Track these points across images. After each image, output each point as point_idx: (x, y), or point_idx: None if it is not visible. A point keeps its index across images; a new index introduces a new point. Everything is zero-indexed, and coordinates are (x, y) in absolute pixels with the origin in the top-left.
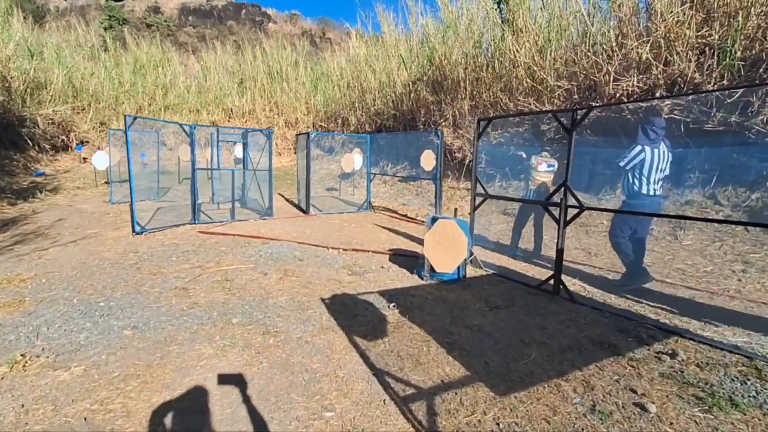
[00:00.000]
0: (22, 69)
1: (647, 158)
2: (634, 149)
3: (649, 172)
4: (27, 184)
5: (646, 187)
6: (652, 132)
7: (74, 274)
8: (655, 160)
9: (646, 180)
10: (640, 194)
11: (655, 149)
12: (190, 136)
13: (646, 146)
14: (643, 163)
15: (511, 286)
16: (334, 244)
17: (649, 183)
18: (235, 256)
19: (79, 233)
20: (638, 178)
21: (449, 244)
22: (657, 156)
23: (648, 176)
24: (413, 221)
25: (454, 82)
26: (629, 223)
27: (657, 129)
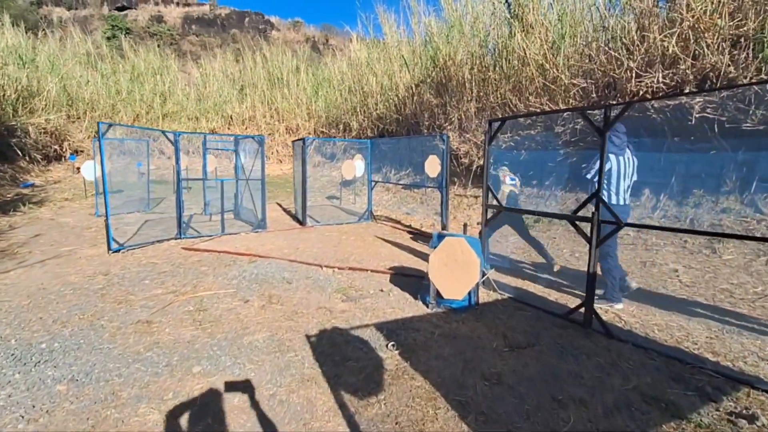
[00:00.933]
0: (14, 77)
1: (614, 167)
2: (597, 158)
3: (618, 181)
4: (11, 196)
5: (615, 197)
6: (616, 138)
7: (26, 304)
8: (622, 168)
9: (615, 189)
10: (613, 205)
11: (620, 156)
12: (174, 144)
13: (611, 154)
14: (611, 172)
15: (533, 315)
16: (329, 262)
17: (618, 192)
18: (216, 277)
19: (52, 251)
20: (606, 188)
21: (458, 267)
22: (623, 163)
23: (617, 185)
24: (418, 232)
25: (460, 83)
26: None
27: (620, 134)
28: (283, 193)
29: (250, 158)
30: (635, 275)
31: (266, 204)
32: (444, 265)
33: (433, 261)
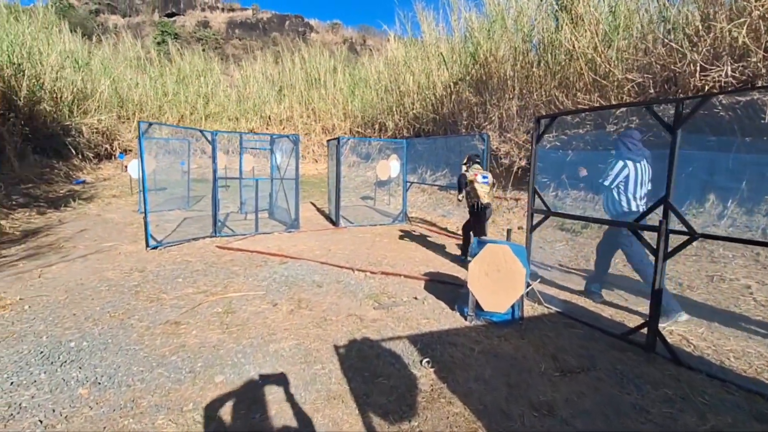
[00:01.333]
0: (70, 80)
1: (631, 173)
2: (617, 165)
3: (635, 188)
4: (64, 192)
5: (634, 204)
6: (633, 145)
7: (63, 300)
8: (639, 175)
9: (632, 196)
10: (629, 213)
11: (637, 163)
12: (211, 143)
13: (628, 161)
14: (628, 179)
15: (585, 334)
16: (361, 265)
17: (635, 199)
18: (247, 278)
19: (94, 246)
20: (624, 194)
21: (501, 277)
22: (640, 170)
23: (634, 192)
24: (454, 236)
25: (501, 80)
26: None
27: (636, 141)
28: (318, 192)
29: (285, 158)
30: (700, 291)
31: (299, 204)
32: (485, 275)
33: (473, 269)
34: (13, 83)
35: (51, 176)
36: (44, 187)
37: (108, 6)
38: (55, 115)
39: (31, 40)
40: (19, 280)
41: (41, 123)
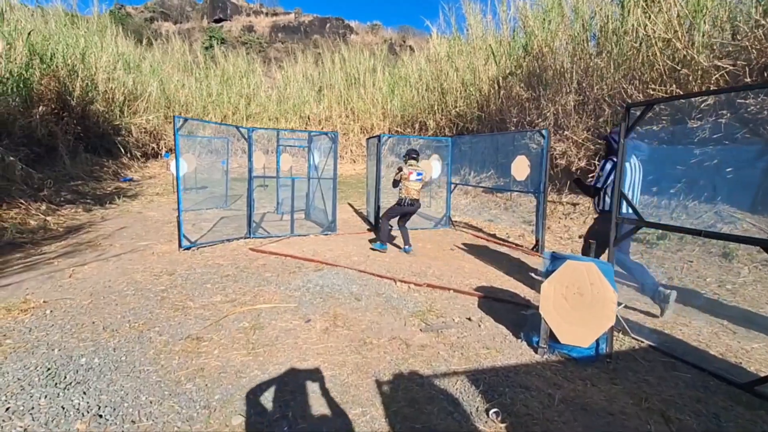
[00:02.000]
0: (121, 81)
1: (628, 173)
2: (607, 165)
3: (626, 189)
4: (111, 189)
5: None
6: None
7: (86, 304)
8: (628, 175)
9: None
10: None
11: (626, 163)
12: (247, 140)
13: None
14: (625, 179)
15: (695, 380)
16: (403, 275)
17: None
18: (279, 287)
19: (130, 245)
20: (610, 195)
21: (585, 302)
22: (630, 170)
23: (631, 193)
24: (505, 244)
25: (557, 73)
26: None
27: None
28: (356, 193)
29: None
30: None
31: (337, 205)
32: (563, 299)
33: (548, 292)
34: (67, 83)
35: (100, 174)
36: (93, 184)
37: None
38: (107, 115)
39: (84, 42)
40: (51, 279)
41: (93, 122)
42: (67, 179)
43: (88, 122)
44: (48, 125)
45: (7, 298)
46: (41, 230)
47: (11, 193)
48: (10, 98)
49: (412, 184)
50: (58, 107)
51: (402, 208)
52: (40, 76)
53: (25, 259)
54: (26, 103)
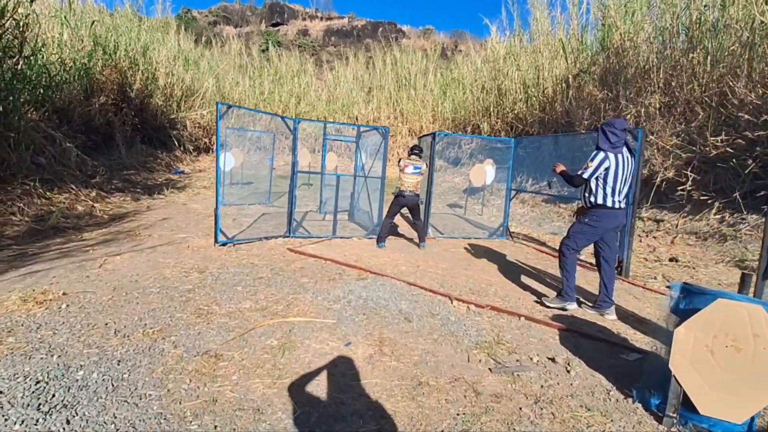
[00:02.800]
0: (180, 77)
1: (612, 166)
2: (597, 156)
3: (614, 182)
4: (161, 180)
5: (611, 199)
6: (612, 135)
7: (106, 301)
8: (620, 168)
9: (611, 191)
10: (605, 207)
11: (618, 155)
12: (293, 132)
13: (609, 152)
14: (608, 172)
15: None
16: (460, 291)
17: (614, 194)
18: (316, 296)
19: (167, 237)
20: (602, 188)
21: (743, 361)
22: (621, 163)
23: (613, 186)
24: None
25: (641, 70)
26: (590, 237)
27: (617, 131)
28: None
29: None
30: None
31: (384, 207)
32: (708, 352)
33: (685, 340)
34: (128, 76)
35: (153, 165)
36: (145, 174)
37: (224, 18)
38: (164, 109)
39: (147, 37)
40: (80, 268)
41: (151, 115)
42: (121, 168)
43: (146, 114)
44: (107, 115)
45: (30, 286)
46: (87, 216)
47: (64, 177)
48: (71, 86)
49: (407, 177)
50: (118, 98)
51: (399, 200)
52: (102, 66)
53: (63, 245)
54: (87, 92)
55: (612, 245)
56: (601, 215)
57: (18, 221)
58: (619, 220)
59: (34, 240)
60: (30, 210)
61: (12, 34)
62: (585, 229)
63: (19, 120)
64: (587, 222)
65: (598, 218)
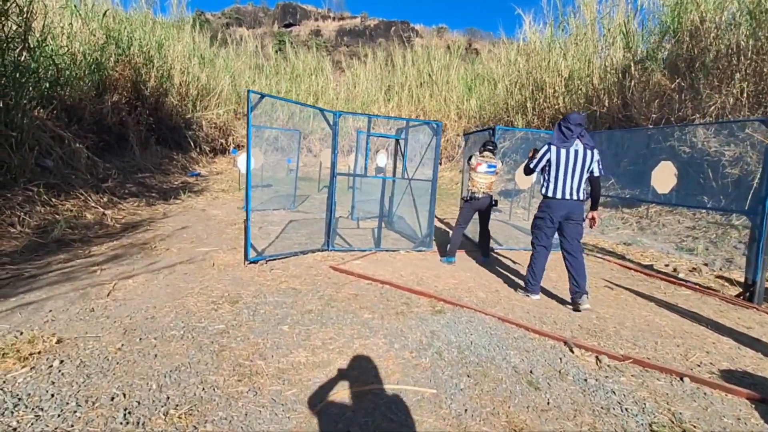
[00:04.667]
0: (195, 76)
1: (554, 158)
2: (542, 149)
3: (557, 174)
4: (177, 184)
5: (552, 190)
6: (566, 129)
7: (114, 352)
8: (562, 160)
9: (554, 182)
10: (547, 197)
11: (563, 149)
12: (332, 127)
13: (552, 145)
14: (551, 164)
15: None
16: (570, 330)
17: (557, 185)
18: (391, 341)
19: (187, 251)
20: (547, 180)
21: None
22: (566, 155)
23: (556, 178)
24: (680, 283)
25: (723, 56)
26: (542, 229)
27: (571, 126)
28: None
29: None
30: None
31: (434, 215)
32: None
33: None
34: (142, 73)
35: (168, 167)
36: (160, 177)
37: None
38: (180, 109)
39: (161, 32)
40: (84, 298)
41: (166, 115)
42: (135, 171)
43: (161, 114)
44: (120, 114)
45: (17, 328)
46: (96, 226)
47: (72, 182)
48: (82, 81)
49: (479, 176)
50: (132, 96)
51: (472, 204)
52: (115, 61)
53: (66, 264)
54: (99, 89)
55: (570, 237)
56: (547, 205)
57: (17, 233)
58: (565, 210)
59: (33, 256)
60: (32, 220)
61: (15, 22)
62: (537, 222)
63: (22, 118)
64: (537, 214)
65: (544, 208)
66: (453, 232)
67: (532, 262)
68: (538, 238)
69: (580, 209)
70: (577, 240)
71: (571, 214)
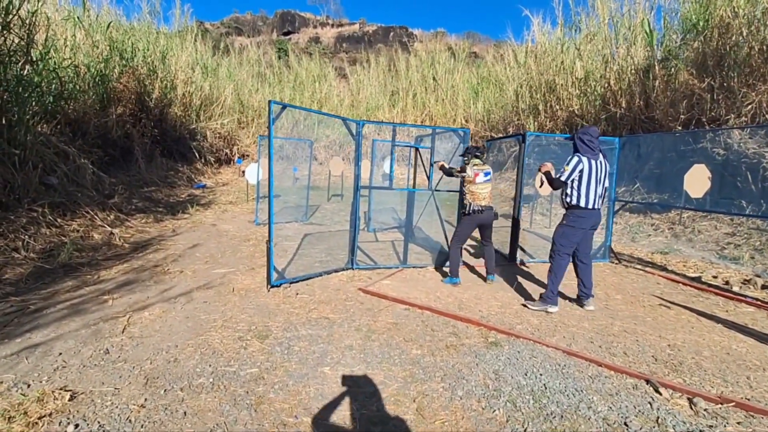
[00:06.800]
0: (199, 85)
1: (586, 169)
2: (572, 160)
3: (588, 184)
4: (184, 197)
5: (584, 200)
6: (590, 141)
7: (137, 410)
8: (593, 171)
9: (585, 192)
10: (579, 207)
11: (593, 160)
12: (356, 137)
13: (583, 157)
14: (582, 175)
15: None
16: (648, 365)
17: (588, 195)
18: (448, 381)
19: (203, 274)
20: (576, 190)
21: None
22: (596, 167)
23: (587, 188)
24: (738, 298)
25: (757, 52)
26: (571, 239)
27: (593, 138)
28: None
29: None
30: None
31: None
32: None
33: None
34: (146, 84)
35: (174, 180)
36: (166, 190)
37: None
38: (184, 120)
39: (165, 42)
40: (96, 336)
41: (170, 126)
42: (141, 185)
43: (165, 125)
44: (125, 126)
45: (23, 379)
46: (104, 246)
47: (78, 200)
48: (86, 94)
49: (479, 188)
50: (136, 108)
51: (473, 218)
52: (119, 73)
53: (74, 292)
54: (103, 102)
55: (587, 246)
56: (579, 215)
57: (21, 259)
58: (594, 220)
59: (39, 284)
60: (37, 243)
61: (17, 35)
62: (566, 231)
63: (25, 134)
64: (566, 223)
65: (575, 218)
66: (451, 250)
67: (557, 273)
68: (564, 246)
69: (601, 218)
70: (590, 248)
71: (595, 223)
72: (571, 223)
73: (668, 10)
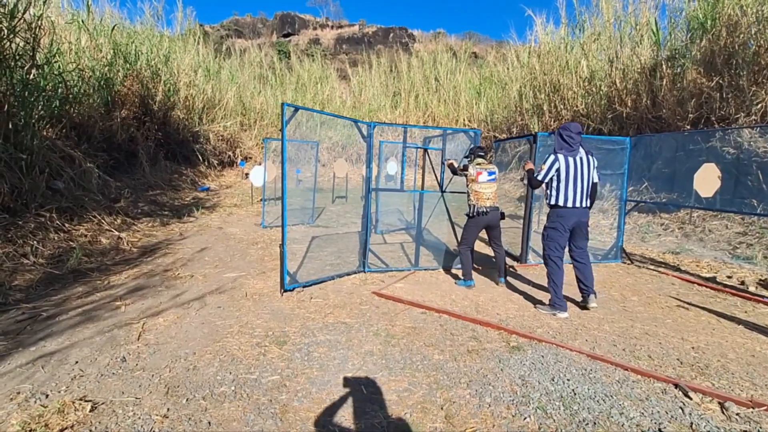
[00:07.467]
0: (201, 88)
1: (563, 167)
2: (548, 159)
3: (567, 182)
4: (189, 200)
5: (563, 198)
6: (569, 137)
7: (160, 421)
8: (571, 168)
9: (564, 191)
10: (558, 206)
11: (570, 157)
12: (366, 139)
13: (560, 154)
14: (560, 173)
15: None
16: (673, 369)
17: (568, 193)
18: (474, 387)
19: (214, 278)
20: (556, 189)
21: None
22: (574, 164)
23: (566, 186)
24: (755, 298)
25: (766, 50)
26: (557, 240)
27: (573, 134)
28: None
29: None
30: None
31: None
32: None
33: None
34: (150, 87)
35: (178, 182)
36: (171, 193)
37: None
38: (187, 122)
39: (168, 44)
40: (111, 343)
41: (174, 129)
42: (146, 188)
43: (169, 128)
44: (129, 130)
45: (40, 389)
46: (112, 251)
47: (84, 204)
48: (91, 98)
49: (483, 187)
50: (140, 111)
51: (478, 220)
52: (123, 76)
53: (85, 298)
54: (108, 105)
55: (579, 245)
56: (559, 214)
57: (30, 265)
58: (577, 218)
59: (49, 290)
60: (45, 249)
61: (23, 39)
62: (550, 233)
63: (32, 138)
64: (548, 225)
65: (555, 218)
66: (461, 254)
67: (554, 277)
68: (553, 249)
69: (588, 216)
70: (585, 247)
71: (580, 222)
72: (552, 224)
73: (673, 9)
